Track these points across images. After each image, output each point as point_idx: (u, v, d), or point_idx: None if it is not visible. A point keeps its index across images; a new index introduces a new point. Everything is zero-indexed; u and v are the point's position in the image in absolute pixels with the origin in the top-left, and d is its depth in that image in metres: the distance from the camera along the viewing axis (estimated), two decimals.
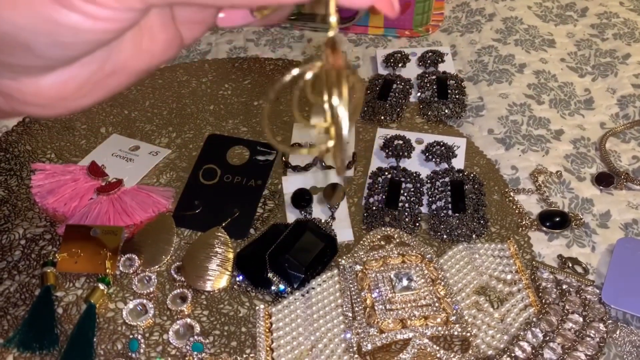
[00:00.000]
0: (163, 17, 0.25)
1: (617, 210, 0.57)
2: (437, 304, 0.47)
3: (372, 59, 0.74)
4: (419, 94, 0.68)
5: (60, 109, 0.25)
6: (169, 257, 0.53)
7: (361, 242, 0.53)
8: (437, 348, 0.45)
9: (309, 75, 0.26)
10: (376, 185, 0.58)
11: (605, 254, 0.53)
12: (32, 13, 0.21)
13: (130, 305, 0.49)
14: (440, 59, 0.71)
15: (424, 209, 0.57)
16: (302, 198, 0.56)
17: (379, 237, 0.53)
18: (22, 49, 0.22)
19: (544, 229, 0.55)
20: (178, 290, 0.50)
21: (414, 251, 0.51)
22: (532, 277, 0.51)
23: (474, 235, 0.54)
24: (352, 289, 0.49)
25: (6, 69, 0.23)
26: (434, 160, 0.60)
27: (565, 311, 0.49)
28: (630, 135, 0.64)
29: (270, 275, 0.50)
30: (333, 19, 0.24)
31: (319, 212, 0.57)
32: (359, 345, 0.45)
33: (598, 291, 0.50)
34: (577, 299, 0.49)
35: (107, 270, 0.51)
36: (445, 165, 0.60)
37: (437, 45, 0.75)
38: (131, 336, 0.47)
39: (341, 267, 0.51)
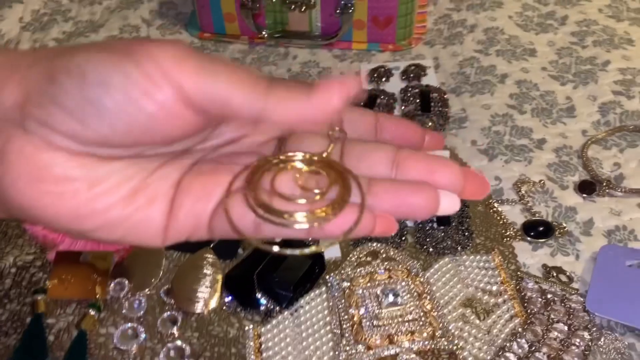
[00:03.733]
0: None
1: (600, 218, 0.58)
2: (423, 319, 0.48)
3: (357, 73, 0.75)
4: (402, 108, 0.69)
5: (29, 188, 0.25)
6: (158, 280, 0.53)
7: (348, 258, 0.53)
8: None
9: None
10: None
11: (589, 262, 0.54)
12: None
13: (121, 329, 0.50)
14: (422, 73, 0.72)
15: (409, 223, 0.58)
16: None
17: (365, 252, 0.54)
18: None
19: (528, 239, 0.56)
20: (168, 313, 0.51)
21: (400, 266, 0.52)
22: (518, 287, 0.52)
23: (459, 248, 0.55)
24: (340, 306, 0.49)
25: None
26: None
27: (550, 320, 0.49)
28: (611, 142, 0.65)
29: (258, 295, 0.51)
30: None
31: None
32: None
33: (582, 299, 0.50)
34: (561, 308, 0.50)
35: (98, 296, 0.52)
36: None
37: (420, 59, 0.76)
38: None
39: (329, 284, 0.51)
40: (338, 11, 0.75)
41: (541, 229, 0.56)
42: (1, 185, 0.24)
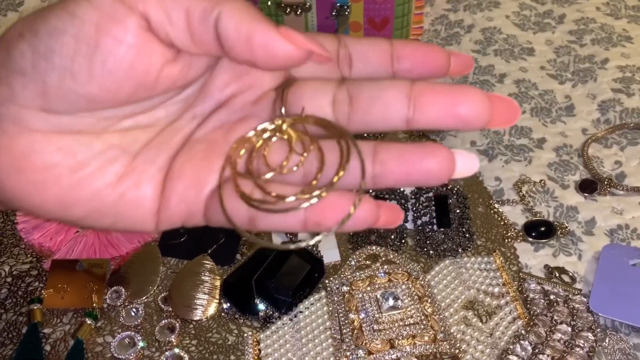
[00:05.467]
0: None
1: (602, 217, 0.57)
2: (424, 322, 0.47)
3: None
4: None
5: (11, 179, 0.24)
6: (155, 288, 0.53)
7: (348, 262, 0.53)
8: None
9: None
10: None
11: (592, 262, 0.53)
12: None
13: (119, 338, 0.49)
14: None
15: (409, 225, 0.57)
16: None
17: (365, 256, 0.53)
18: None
19: (530, 239, 0.55)
20: (166, 321, 0.50)
21: (400, 269, 0.51)
22: (520, 288, 0.51)
23: (460, 249, 0.54)
24: (340, 310, 0.49)
25: None
26: None
27: (554, 322, 0.48)
28: (612, 140, 0.64)
29: (257, 301, 0.50)
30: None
31: (305, 234, 0.57)
32: None
33: (586, 300, 0.50)
34: (565, 309, 0.49)
35: (94, 304, 0.51)
36: None
37: None
38: None
39: (328, 288, 0.51)
40: (334, 13, 0.74)
41: (543, 229, 0.55)
42: None
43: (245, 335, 0.49)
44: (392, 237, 0.55)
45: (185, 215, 0.25)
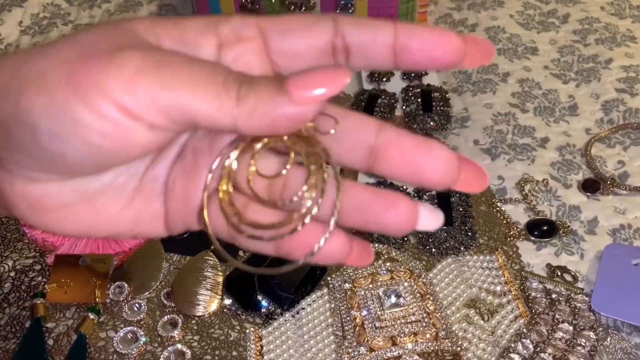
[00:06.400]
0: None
1: (604, 216, 0.57)
2: (426, 320, 0.47)
3: (357, 74, 0.75)
4: (404, 108, 0.68)
5: (33, 218, 0.25)
6: (158, 283, 0.53)
7: None
8: None
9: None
10: None
11: (594, 261, 0.53)
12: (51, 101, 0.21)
13: (121, 333, 0.49)
14: (424, 72, 0.72)
15: None
16: None
17: None
18: (27, 132, 0.22)
19: (532, 238, 0.55)
20: (168, 316, 0.50)
21: (403, 266, 0.51)
22: (522, 287, 0.51)
23: (462, 248, 0.54)
24: (342, 307, 0.49)
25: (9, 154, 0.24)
26: None
27: (556, 320, 0.49)
28: (615, 140, 0.64)
29: (259, 297, 0.50)
30: None
31: None
32: None
33: (587, 299, 0.50)
34: (566, 308, 0.49)
35: (97, 299, 0.51)
36: None
37: None
38: None
39: (330, 285, 0.51)
40: (338, 11, 0.74)
41: (545, 228, 0.55)
42: (16, 213, 0.25)
43: (248, 331, 0.49)
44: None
45: (184, 226, 0.27)
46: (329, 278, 0.51)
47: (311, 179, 0.23)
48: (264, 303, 0.50)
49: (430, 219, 0.24)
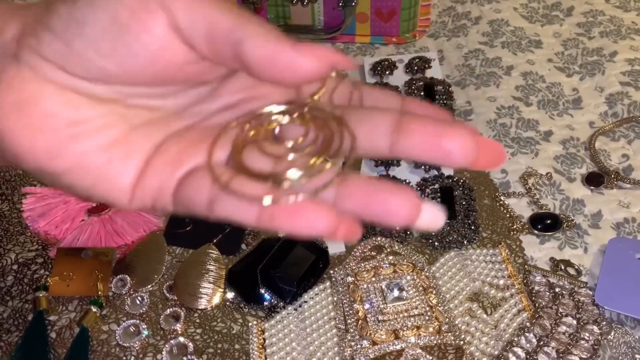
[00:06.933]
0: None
1: (608, 210, 0.57)
2: (429, 313, 0.47)
3: (360, 67, 0.74)
4: None
5: (19, 122, 0.25)
6: (161, 276, 0.53)
7: (352, 252, 0.53)
8: (430, 358, 0.45)
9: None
10: None
11: (598, 255, 0.53)
12: None
13: (124, 326, 0.49)
14: (427, 65, 0.71)
15: None
16: None
17: (370, 247, 0.53)
18: None
19: (536, 232, 0.55)
20: (171, 309, 0.50)
21: (406, 260, 0.51)
22: (525, 281, 0.51)
23: (465, 241, 0.54)
24: (344, 301, 0.49)
25: None
26: (423, 167, 0.60)
27: (559, 314, 0.48)
28: (619, 134, 0.64)
29: (262, 290, 0.50)
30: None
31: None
32: (352, 358, 0.45)
33: (591, 293, 0.50)
34: (570, 302, 0.49)
35: (100, 292, 0.51)
36: (434, 172, 0.60)
37: (424, 51, 0.75)
38: (124, 358, 0.47)
39: (333, 279, 0.51)
40: (341, 4, 0.74)
41: (548, 221, 0.55)
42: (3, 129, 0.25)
43: (250, 324, 0.49)
44: (397, 228, 0.55)
45: (157, 192, 0.25)
46: (331, 271, 0.51)
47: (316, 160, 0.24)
48: (267, 296, 0.50)
49: (432, 215, 0.24)
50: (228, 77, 0.27)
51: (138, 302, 0.51)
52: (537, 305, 0.49)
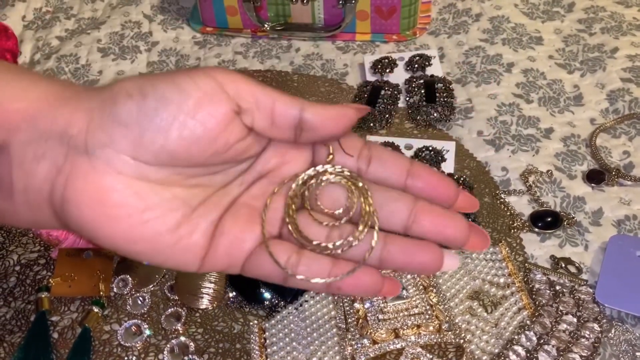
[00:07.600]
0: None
1: (609, 207, 0.57)
2: (429, 312, 0.47)
3: (360, 65, 0.74)
4: (407, 99, 0.68)
5: (87, 211, 0.28)
6: (162, 276, 0.53)
7: None
8: (431, 357, 0.45)
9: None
10: None
11: (599, 252, 0.53)
12: None
13: (125, 326, 0.49)
14: (427, 63, 0.71)
15: None
16: None
17: None
18: None
19: (536, 229, 0.55)
20: (172, 309, 0.51)
21: None
22: (525, 279, 0.51)
23: None
24: (345, 300, 0.49)
25: None
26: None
27: (559, 312, 0.48)
28: (620, 130, 0.63)
29: (263, 289, 0.50)
30: None
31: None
32: (353, 357, 0.45)
33: (592, 290, 0.50)
34: (570, 300, 0.49)
35: (101, 293, 0.51)
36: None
37: (424, 49, 0.75)
38: (126, 358, 0.48)
39: None
40: (341, 2, 0.74)
41: (549, 219, 0.55)
42: (67, 206, 0.27)
43: (251, 324, 0.49)
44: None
45: (227, 265, 0.31)
46: None
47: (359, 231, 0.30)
48: (267, 296, 0.50)
49: (452, 260, 0.31)
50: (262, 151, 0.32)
51: (139, 302, 0.51)
52: (537, 303, 0.49)
